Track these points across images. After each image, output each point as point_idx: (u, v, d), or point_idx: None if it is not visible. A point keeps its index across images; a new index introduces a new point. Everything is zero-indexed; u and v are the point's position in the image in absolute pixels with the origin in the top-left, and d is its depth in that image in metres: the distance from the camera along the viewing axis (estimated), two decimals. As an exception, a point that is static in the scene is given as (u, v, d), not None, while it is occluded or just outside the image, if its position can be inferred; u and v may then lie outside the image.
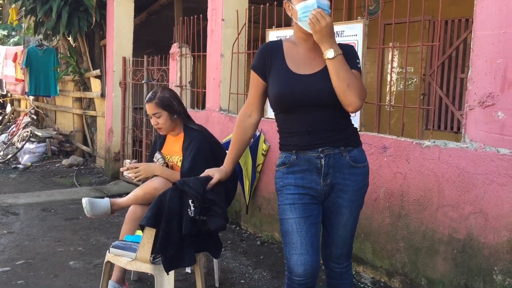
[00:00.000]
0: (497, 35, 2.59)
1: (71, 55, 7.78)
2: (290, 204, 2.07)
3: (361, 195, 2.17)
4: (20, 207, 5.28)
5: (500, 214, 2.60)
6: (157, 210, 2.42)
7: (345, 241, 2.20)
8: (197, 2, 7.37)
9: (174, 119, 3.10)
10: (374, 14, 7.27)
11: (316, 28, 1.95)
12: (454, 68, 6.29)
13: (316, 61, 2.06)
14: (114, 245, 2.75)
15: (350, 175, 2.10)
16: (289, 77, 2.04)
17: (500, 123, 2.59)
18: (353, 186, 2.11)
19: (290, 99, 2.04)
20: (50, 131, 9.06)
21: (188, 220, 2.37)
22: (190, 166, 2.91)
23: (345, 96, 1.98)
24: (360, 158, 2.14)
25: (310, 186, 2.07)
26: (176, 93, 3.22)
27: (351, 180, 2.11)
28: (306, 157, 2.07)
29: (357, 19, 3.53)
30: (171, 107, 3.06)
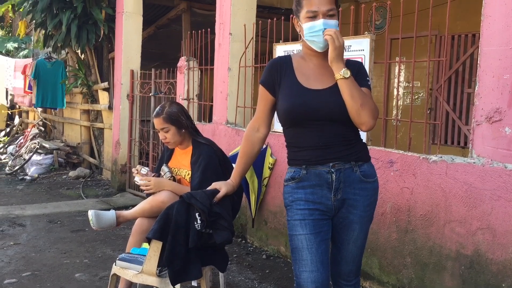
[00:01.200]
0: (504, 51, 2.60)
1: (79, 68, 7.86)
2: (300, 220, 2.04)
3: (371, 210, 2.16)
4: (27, 218, 5.30)
5: (508, 230, 2.58)
6: (164, 223, 2.43)
7: (355, 257, 2.18)
8: (205, 16, 7.46)
9: (182, 133, 3.11)
10: (381, 29, 7.31)
11: (335, 44, 1.97)
12: (461, 83, 6.30)
13: (326, 76, 2.06)
14: (121, 258, 2.75)
15: (360, 190, 2.09)
16: (300, 91, 2.04)
17: (507, 139, 2.58)
18: (364, 201, 2.10)
19: (301, 113, 2.02)
20: (57, 143, 9.12)
21: (194, 233, 2.38)
22: (199, 181, 2.92)
23: (358, 116, 1.98)
24: (370, 173, 2.13)
25: (320, 201, 2.05)
26: (184, 107, 3.24)
27: (362, 195, 2.09)
28: (317, 171, 2.05)
29: (364, 34, 3.55)
30: (179, 121, 3.08)
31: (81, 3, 6.81)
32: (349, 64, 2.05)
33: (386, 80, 3.70)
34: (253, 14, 4.80)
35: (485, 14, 2.69)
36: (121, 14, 6.74)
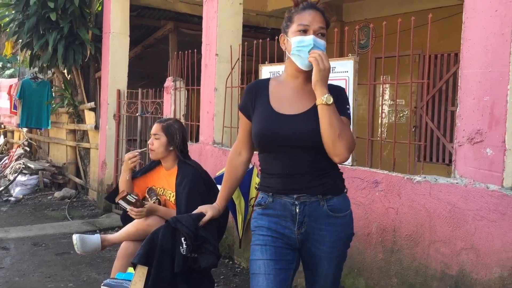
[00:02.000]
0: (483, 73, 2.66)
1: (66, 88, 7.83)
2: (261, 245, 1.98)
3: (340, 246, 2.02)
4: (10, 241, 5.22)
5: (491, 250, 2.60)
6: (149, 248, 2.41)
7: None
8: (192, 36, 7.51)
9: (169, 150, 3.11)
10: (366, 48, 7.41)
11: (320, 66, 1.88)
12: (444, 101, 6.40)
13: (302, 102, 1.99)
14: (106, 284, 2.72)
15: (327, 225, 1.97)
16: (270, 116, 1.98)
17: (489, 160, 2.62)
18: (331, 237, 1.97)
19: (269, 139, 1.96)
20: (43, 163, 9.03)
21: (180, 258, 2.36)
22: (185, 203, 2.91)
23: (334, 146, 1.87)
24: (340, 207, 2.00)
25: (283, 233, 1.98)
26: (186, 132, 3.24)
27: (329, 230, 1.97)
28: (282, 201, 1.97)
29: (348, 54, 3.61)
30: (172, 137, 3.09)
31: (67, 24, 6.82)
32: (329, 89, 1.95)
33: (371, 99, 3.75)
34: (239, 35, 4.85)
35: (465, 37, 2.75)
36: (108, 35, 6.76)
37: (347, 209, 2.04)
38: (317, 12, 1.99)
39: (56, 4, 6.68)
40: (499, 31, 2.59)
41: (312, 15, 1.97)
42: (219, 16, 4.74)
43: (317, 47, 1.93)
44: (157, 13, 7.44)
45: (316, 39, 1.94)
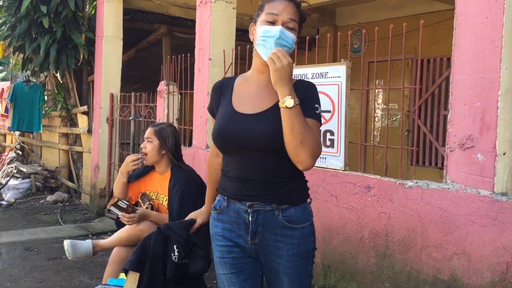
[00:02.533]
0: (474, 79, 2.68)
1: (58, 92, 7.81)
2: (220, 258, 1.88)
3: (301, 261, 1.83)
4: (2, 246, 5.18)
5: (482, 255, 2.62)
6: (141, 254, 2.41)
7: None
8: (185, 40, 7.51)
9: (161, 153, 3.11)
10: (358, 52, 7.44)
11: (275, 65, 1.71)
12: (437, 105, 6.43)
13: (264, 100, 1.82)
14: None
15: (283, 237, 1.80)
16: (229, 116, 1.84)
17: (479, 165, 2.64)
18: (288, 250, 1.80)
19: (224, 140, 1.83)
20: (35, 167, 8.98)
21: (172, 264, 2.36)
22: (177, 207, 2.91)
23: (296, 153, 1.71)
24: (299, 219, 1.82)
25: (237, 242, 1.85)
26: (179, 136, 3.24)
27: (286, 243, 1.80)
28: (236, 207, 1.83)
29: (340, 58, 3.62)
30: (165, 141, 3.10)
31: (60, 28, 6.80)
32: (297, 86, 1.78)
33: (364, 103, 3.77)
34: (232, 40, 4.85)
35: (456, 44, 2.77)
36: (101, 38, 6.74)
37: (307, 221, 1.86)
38: (290, 3, 1.82)
39: (49, 7, 6.66)
40: (490, 38, 2.61)
41: (283, 5, 1.80)
42: (212, 21, 4.74)
43: (284, 40, 1.77)
44: (150, 16, 7.43)
45: (283, 30, 1.77)
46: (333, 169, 3.51)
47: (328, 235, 3.51)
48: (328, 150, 3.57)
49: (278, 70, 1.71)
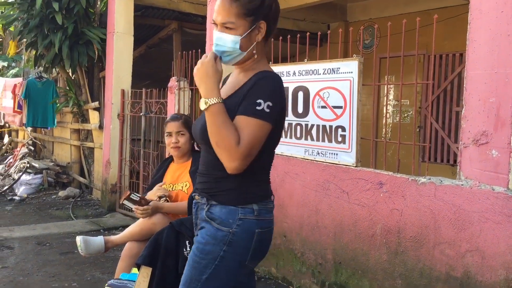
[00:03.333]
0: (489, 74, 2.64)
1: (70, 88, 7.85)
2: None
3: (198, 259, 1.76)
4: (15, 240, 5.23)
5: (497, 252, 2.59)
6: (154, 249, 2.42)
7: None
8: (196, 36, 7.50)
9: (191, 143, 3.18)
10: (370, 48, 7.39)
11: (197, 65, 1.73)
12: (449, 101, 6.36)
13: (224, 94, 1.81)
14: (110, 284, 2.72)
15: (201, 229, 1.80)
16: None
17: (494, 161, 2.61)
18: (196, 240, 1.80)
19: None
20: (47, 162, 9.05)
21: (184, 259, 2.36)
22: None
23: (219, 156, 1.68)
24: (220, 220, 1.75)
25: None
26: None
27: (199, 233, 1.80)
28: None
29: (352, 54, 3.59)
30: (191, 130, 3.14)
31: (72, 24, 6.83)
32: (251, 78, 1.74)
33: (376, 99, 3.75)
34: (243, 35, 4.83)
35: (470, 38, 2.74)
36: (112, 34, 6.77)
37: (228, 226, 1.74)
38: (224, 1, 1.74)
39: (61, 4, 6.70)
40: (505, 32, 2.57)
41: (218, 5, 1.75)
42: (223, 16, 4.73)
43: (220, 45, 1.74)
44: (161, 12, 7.43)
45: (220, 35, 1.74)
46: (344, 165, 3.49)
47: (339, 231, 3.50)
48: (340, 146, 3.55)
49: (197, 71, 1.72)
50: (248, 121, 1.66)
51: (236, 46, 1.74)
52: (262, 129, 1.67)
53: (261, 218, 1.78)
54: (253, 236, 1.76)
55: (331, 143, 3.57)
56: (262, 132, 1.68)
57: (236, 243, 1.74)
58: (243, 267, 1.78)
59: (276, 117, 1.72)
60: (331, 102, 3.61)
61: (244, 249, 1.76)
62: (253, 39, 1.78)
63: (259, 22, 1.78)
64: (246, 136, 1.65)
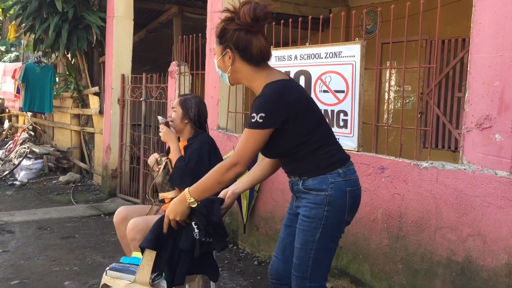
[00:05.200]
0: (493, 57, 2.61)
1: (69, 72, 7.80)
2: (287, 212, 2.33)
3: (310, 222, 2.11)
4: (15, 225, 5.24)
5: (499, 237, 2.58)
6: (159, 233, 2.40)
7: (293, 264, 2.18)
8: (196, 20, 7.44)
9: (184, 123, 3.22)
10: (372, 33, 7.32)
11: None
12: (451, 87, 6.33)
13: None
14: (111, 268, 2.71)
15: (300, 200, 2.18)
16: None
17: (497, 146, 2.59)
18: (301, 210, 2.16)
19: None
20: (47, 148, 9.04)
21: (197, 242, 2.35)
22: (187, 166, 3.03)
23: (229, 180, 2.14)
24: (316, 187, 2.11)
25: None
26: (204, 107, 3.31)
27: (301, 204, 2.17)
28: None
29: (354, 39, 3.55)
30: (188, 110, 3.21)
31: (71, 8, 6.76)
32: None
33: (377, 85, 3.71)
34: (244, 19, 4.78)
35: (474, 21, 2.70)
36: (111, 19, 6.70)
37: (325, 191, 2.12)
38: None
39: (60, -13, 6.62)
40: (510, 15, 2.54)
41: None
42: (224, 0, 4.68)
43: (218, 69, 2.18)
44: (161, -4, 7.37)
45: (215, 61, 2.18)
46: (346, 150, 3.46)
47: (340, 216, 3.49)
48: (342, 130, 3.53)
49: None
50: (244, 132, 2.07)
51: (217, 68, 2.17)
52: (253, 136, 2.04)
53: (347, 178, 2.13)
54: (346, 194, 2.11)
55: (333, 127, 3.55)
56: (254, 138, 2.04)
57: (334, 203, 2.09)
58: (343, 222, 2.15)
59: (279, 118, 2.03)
60: (333, 87, 3.58)
61: (341, 206, 2.11)
62: (227, 63, 2.12)
63: (226, 50, 2.10)
64: (238, 145, 2.07)
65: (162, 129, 3.22)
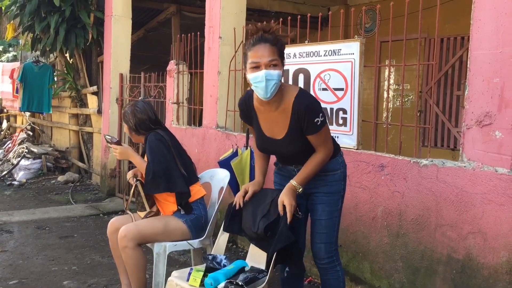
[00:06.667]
0: (493, 54, 2.60)
1: (68, 72, 7.78)
2: None
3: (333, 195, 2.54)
4: (14, 225, 5.22)
5: (499, 234, 2.57)
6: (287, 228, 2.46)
7: (320, 236, 2.53)
8: (194, 19, 7.42)
9: (133, 134, 3.26)
10: (371, 32, 7.32)
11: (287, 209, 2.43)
12: (450, 85, 6.31)
13: (280, 125, 2.43)
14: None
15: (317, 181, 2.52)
16: (263, 138, 2.53)
17: (497, 143, 2.58)
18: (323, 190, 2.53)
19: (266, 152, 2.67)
20: (46, 147, 9.02)
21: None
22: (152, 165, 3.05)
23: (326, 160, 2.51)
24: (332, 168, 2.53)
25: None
26: (140, 109, 3.25)
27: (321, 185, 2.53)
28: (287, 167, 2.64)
29: (354, 37, 3.54)
30: (128, 123, 3.24)
31: (69, 7, 6.75)
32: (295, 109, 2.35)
33: (376, 83, 3.70)
34: (242, 18, 4.78)
35: (474, 17, 2.69)
36: (109, 18, 6.69)
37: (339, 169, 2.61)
38: (266, 45, 2.24)
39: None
40: (510, 11, 2.52)
41: (261, 50, 2.24)
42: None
43: (270, 80, 2.25)
44: (159, -5, 7.35)
45: (268, 72, 2.24)
46: (345, 148, 3.45)
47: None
48: (341, 128, 3.51)
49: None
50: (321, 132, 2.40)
51: (279, 78, 2.29)
52: (328, 130, 2.47)
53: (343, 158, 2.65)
54: (346, 167, 2.65)
55: (332, 125, 3.53)
56: (328, 131, 2.47)
57: (345, 175, 2.61)
58: None
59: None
60: (332, 84, 3.57)
61: (345, 177, 2.63)
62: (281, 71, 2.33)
63: (283, 59, 2.35)
64: (324, 141, 2.43)
65: (116, 149, 3.19)
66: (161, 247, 3.00)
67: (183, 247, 3.13)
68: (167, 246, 3.01)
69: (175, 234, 3.05)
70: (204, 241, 3.17)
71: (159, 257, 3.00)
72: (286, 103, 2.38)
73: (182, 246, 3.11)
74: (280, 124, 2.43)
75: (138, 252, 2.96)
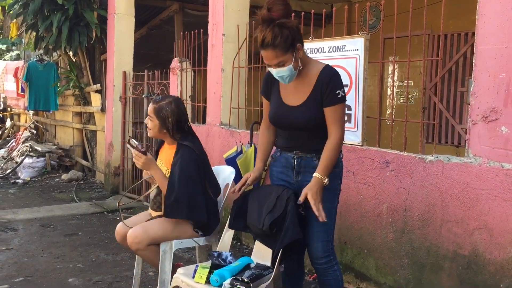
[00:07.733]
0: (499, 49, 2.59)
1: (71, 70, 7.79)
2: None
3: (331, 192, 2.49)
4: (19, 223, 5.23)
5: (506, 229, 2.56)
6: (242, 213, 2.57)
7: (318, 235, 2.50)
8: (197, 17, 7.41)
9: (163, 132, 3.03)
10: (374, 28, 7.29)
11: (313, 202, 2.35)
12: (454, 82, 6.29)
13: (300, 94, 2.47)
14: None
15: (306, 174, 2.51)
16: (280, 105, 2.54)
17: (504, 138, 2.57)
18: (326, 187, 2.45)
19: (279, 122, 2.58)
20: (49, 146, 9.04)
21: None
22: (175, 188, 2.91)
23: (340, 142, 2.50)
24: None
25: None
26: (181, 111, 3.06)
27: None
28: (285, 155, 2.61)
29: (358, 33, 3.53)
30: (165, 121, 2.99)
31: (72, 5, 6.75)
32: (321, 78, 2.40)
33: (380, 80, 3.69)
34: (246, 15, 4.77)
35: (480, 12, 2.68)
36: (112, 16, 6.69)
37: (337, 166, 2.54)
38: (268, 51, 2.33)
39: (60, -16, 6.61)
40: (516, 6, 2.51)
41: (265, 55, 2.36)
42: (226, -5, 4.66)
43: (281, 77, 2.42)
44: (162, -7, 7.35)
45: (278, 71, 2.39)
46: (350, 144, 3.45)
47: (345, 211, 3.47)
48: (346, 125, 3.49)
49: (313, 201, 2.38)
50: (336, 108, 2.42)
51: (292, 71, 2.39)
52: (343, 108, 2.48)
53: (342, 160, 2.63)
54: (343, 169, 2.64)
55: (337, 122, 3.52)
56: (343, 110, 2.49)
57: (341, 175, 2.61)
58: None
59: None
60: (337, 81, 3.55)
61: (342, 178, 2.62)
62: (298, 58, 2.39)
63: (296, 47, 2.36)
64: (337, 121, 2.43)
65: (140, 158, 2.94)
66: (167, 244, 3.00)
67: (189, 245, 3.12)
68: (173, 243, 3.01)
69: (184, 236, 3.05)
70: (210, 238, 3.16)
71: (165, 254, 2.99)
72: (312, 73, 2.45)
73: (188, 244, 3.10)
74: (300, 93, 2.47)
75: (151, 249, 2.96)
